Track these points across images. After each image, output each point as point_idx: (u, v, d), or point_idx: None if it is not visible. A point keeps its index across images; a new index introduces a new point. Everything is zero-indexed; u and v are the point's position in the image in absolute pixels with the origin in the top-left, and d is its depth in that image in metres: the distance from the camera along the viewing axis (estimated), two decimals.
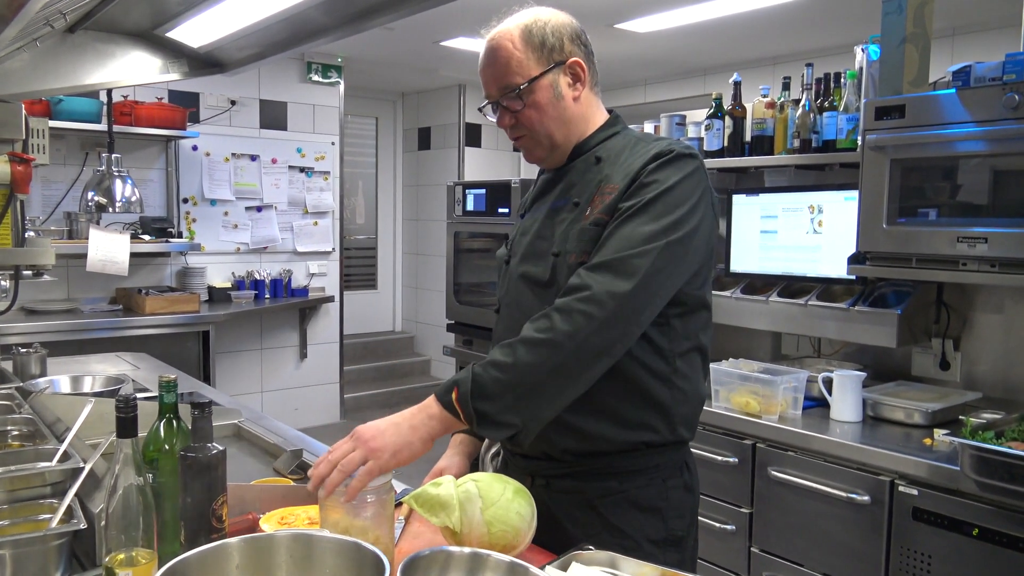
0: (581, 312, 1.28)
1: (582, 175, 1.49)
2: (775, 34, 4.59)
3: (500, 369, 1.28)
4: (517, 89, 1.44)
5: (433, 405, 1.31)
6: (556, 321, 1.28)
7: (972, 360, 2.74)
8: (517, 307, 1.50)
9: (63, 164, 4.79)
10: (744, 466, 2.65)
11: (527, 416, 1.29)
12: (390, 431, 1.28)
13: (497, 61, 1.45)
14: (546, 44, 1.45)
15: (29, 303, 4.53)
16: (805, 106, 2.91)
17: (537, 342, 1.28)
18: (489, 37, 1.48)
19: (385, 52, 5.57)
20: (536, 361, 1.27)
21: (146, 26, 2.32)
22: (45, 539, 1.16)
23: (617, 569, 1.20)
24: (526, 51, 1.44)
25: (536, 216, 1.55)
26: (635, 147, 1.46)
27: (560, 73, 1.46)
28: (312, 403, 6.05)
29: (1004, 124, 2.18)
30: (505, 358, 1.29)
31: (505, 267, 1.59)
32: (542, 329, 1.29)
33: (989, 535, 2.06)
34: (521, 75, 1.43)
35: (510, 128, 1.50)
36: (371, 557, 0.98)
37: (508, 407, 1.27)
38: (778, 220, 3.06)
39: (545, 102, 1.45)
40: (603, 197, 1.41)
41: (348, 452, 1.24)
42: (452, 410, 1.29)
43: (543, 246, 1.49)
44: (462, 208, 4.63)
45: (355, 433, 1.29)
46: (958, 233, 2.32)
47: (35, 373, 2.49)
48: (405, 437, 1.28)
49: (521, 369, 1.27)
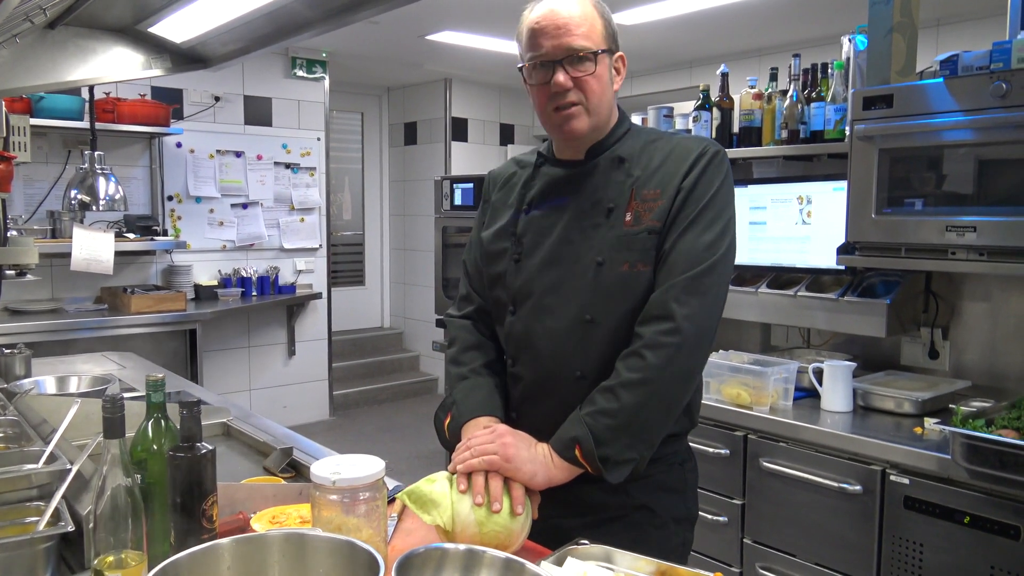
0: (668, 344, 1.34)
1: (606, 176, 1.47)
2: (761, 26, 4.59)
3: (609, 416, 1.34)
4: (593, 54, 1.40)
5: (555, 457, 1.37)
6: (648, 358, 1.34)
7: (960, 349, 2.76)
8: (549, 313, 1.47)
9: (45, 162, 4.74)
10: (735, 457, 2.65)
11: (642, 449, 1.36)
12: (526, 450, 1.36)
13: (573, 20, 1.39)
14: (611, 27, 1.45)
15: (13, 303, 4.48)
16: (793, 97, 2.91)
17: (636, 382, 1.34)
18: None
19: (370, 46, 5.53)
20: (639, 400, 1.34)
21: (128, 21, 2.29)
22: (32, 542, 1.15)
23: (612, 563, 1.19)
24: (601, 23, 1.43)
25: (552, 216, 1.50)
26: (656, 146, 1.47)
27: (615, 60, 1.47)
28: (301, 400, 6.03)
29: (992, 112, 2.18)
30: (610, 404, 1.35)
31: (514, 265, 1.52)
32: (636, 368, 1.35)
33: (980, 523, 2.07)
34: (594, 42, 1.41)
35: (562, 94, 1.41)
36: (365, 556, 0.96)
37: (626, 447, 1.35)
38: (767, 211, 3.07)
39: (605, 79, 1.44)
40: (647, 204, 1.42)
41: (486, 442, 1.34)
42: (577, 464, 1.36)
43: (573, 250, 1.46)
44: (450, 203, 4.61)
45: (496, 430, 1.38)
46: (947, 222, 2.32)
47: (20, 374, 2.45)
48: (537, 463, 1.35)
49: (628, 411, 1.34)
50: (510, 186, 1.62)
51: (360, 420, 6.21)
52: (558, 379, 1.46)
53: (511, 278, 1.53)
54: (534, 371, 1.50)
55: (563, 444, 1.36)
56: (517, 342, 1.52)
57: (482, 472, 1.31)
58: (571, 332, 1.44)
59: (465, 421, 1.48)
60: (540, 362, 1.48)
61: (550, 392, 1.48)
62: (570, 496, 1.41)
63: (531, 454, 1.35)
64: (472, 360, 1.58)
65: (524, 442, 1.37)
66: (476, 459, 1.31)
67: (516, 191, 1.59)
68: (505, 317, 1.54)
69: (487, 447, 1.33)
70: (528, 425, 1.44)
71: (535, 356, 1.49)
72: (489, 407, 1.49)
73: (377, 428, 5.99)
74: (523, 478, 1.32)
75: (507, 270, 1.53)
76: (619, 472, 1.35)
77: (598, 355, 1.42)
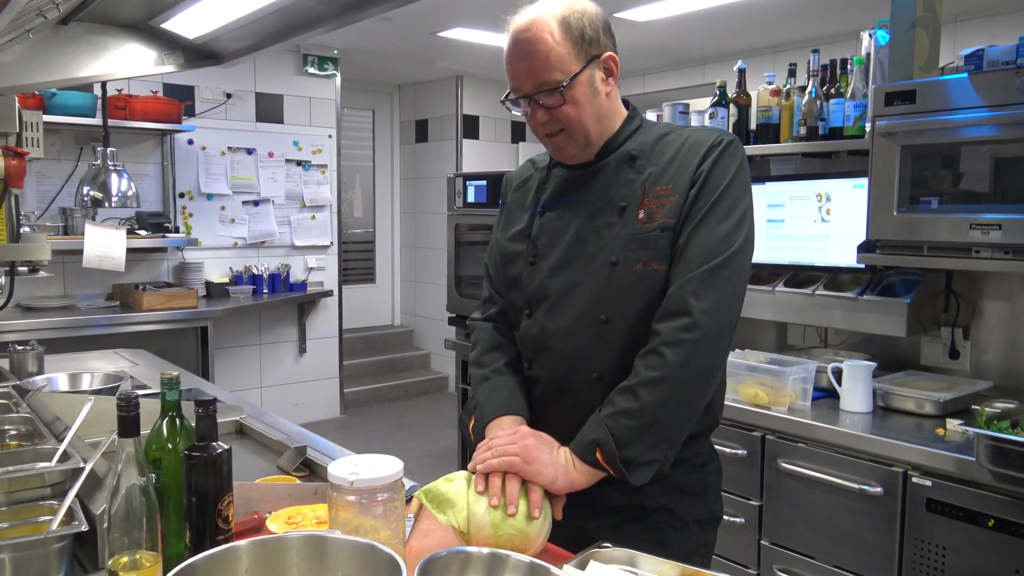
0: (687, 341, 1.30)
1: (617, 174, 1.44)
2: (777, 21, 4.55)
3: (630, 416, 1.31)
4: (559, 86, 1.36)
5: (577, 462, 1.34)
6: (667, 355, 1.31)
7: (982, 349, 2.71)
8: (563, 314, 1.44)
9: (58, 159, 4.74)
10: (753, 458, 2.61)
11: (666, 449, 1.33)
12: (548, 454, 1.33)
13: (535, 55, 1.35)
14: (585, 37, 1.37)
15: (25, 300, 4.49)
16: (811, 93, 2.87)
17: (655, 380, 1.31)
18: (520, 27, 1.36)
19: (381, 43, 5.51)
20: (660, 399, 1.30)
21: (140, 17, 2.27)
22: (46, 542, 1.13)
23: (636, 567, 1.16)
24: (566, 45, 1.35)
25: (565, 216, 1.48)
26: (667, 140, 1.44)
27: (596, 68, 1.40)
28: (312, 398, 6.02)
29: (1018, 108, 2.14)
30: (630, 404, 1.32)
31: (529, 268, 1.51)
32: (655, 366, 1.31)
33: (1005, 526, 2.03)
34: (562, 71, 1.35)
35: (543, 125, 1.41)
36: (386, 559, 0.94)
37: (648, 447, 1.31)
38: (785, 209, 3.03)
39: (583, 99, 1.38)
40: (660, 200, 1.38)
41: (508, 443, 1.31)
42: (599, 467, 1.33)
43: (586, 250, 1.43)
44: (463, 200, 4.58)
45: (519, 431, 1.36)
46: (971, 220, 2.28)
47: (32, 371, 2.44)
48: (558, 467, 1.32)
49: (649, 411, 1.30)
50: (526, 188, 1.60)
51: (371, 418, 6.20)
52: (575, 380, 1.44)
53: (526, 281, 1.51)
54: (550, 373, 1.48)
55: (583, 448, 1.33)
56: (533, 344, 1.50)
57: (500, 474, 1.29)
58: (586, 333, 1.42)
59: (488, 421, 1.45)
60: (556, 363, 1.46)
61: (567, 393, 1.46)
62: (588, 498, 1.38)
63: (552, 458, 1.33)
64: (494, 361, 1.56)
65: (546, 445, 1.34)
66: (496, 460, 1.29)
67: (531, 193, 1.58)
68: (521, 320, 1.53)
69: (508, 448, 1.30)
70: (546, 427, 1.42)
71: (551, 358, 1.47)
72: (512, 406, 1.47)
73: (388, 426, 5.98)
74: (543, 482, 1.29)
75: (522, 273, 1.52)
76: (642, 474, 1.31)
77: (614, 355, 1.40)
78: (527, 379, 1.53)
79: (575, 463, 1.33)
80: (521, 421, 1.44)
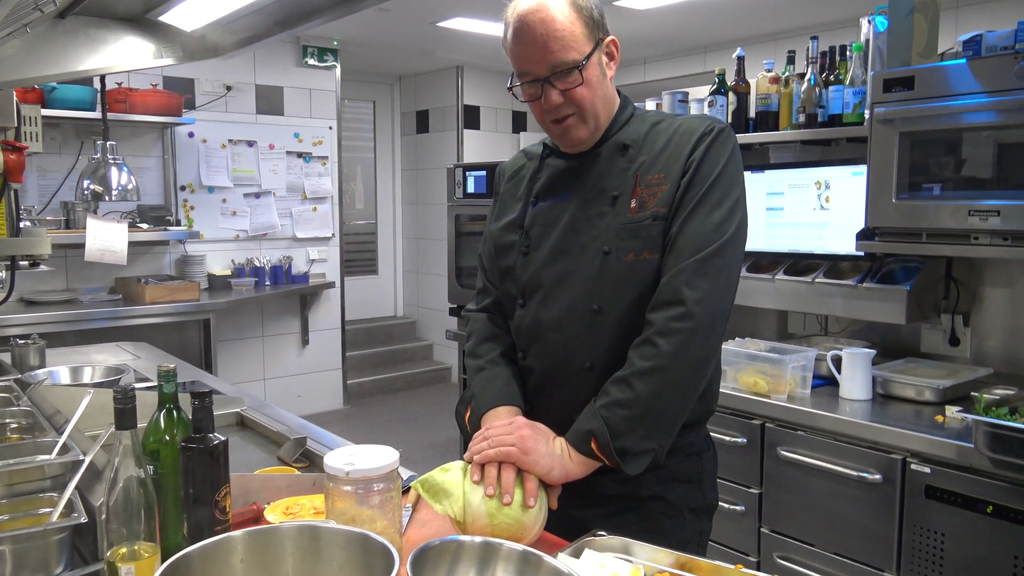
0: (681, 330, 1.30)
1: (610, 164, 1.44)
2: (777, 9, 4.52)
3: (625, 406, 1.31)
4: (577, 66, 1.35)
5: (572, 452, 1.34)
6: (661, 345, 1.31)
7: (982, 336, 2.71)
8: (556, 304, 1.44)
9: (58, 153, 4.74)
10: (753, 446, 2.62)
11: (660, 438, 1.33)
12: (544, 444, 1.33)
13: (550, 35, 1.33)
14: (594, 18, 1.38)
15: (27, 294, 4.50)
16: (810, 80, 2.86)
17: (649, 370, 1.31)
18: (529, 9, 1.35)
19: (381, 34, 5.50)
20: (654, 389, 1.31)
21: (138, 10, 2.27)
22: (45, 534, 1.14)
23: (630, 554, 1.17)
24: (580, 25, 1.35)
25: (559, 207, 1.48)
26: (659, 129, 1.43)
27: (602, 51, 1.41)
28: (315, 390, 6.04)
29: (1017, 94, 2.13)
30: (624, 394, 1.32)
31: (523, 258, 1.51)
32: (649, 356, 1.31)
33: (1004, 512, 2.04)
34: (578, 51, 1.35)
35: (555, 108, 1.39)
36: (380, 548, 0.95)
37: (643, 437, 1.31)
38: (784, 197, 3.02)
39: (595, 80, 1.39)
40: (651, 189, 1.38)
41: (504, 433, 1.31)
42: (594, 457, 1.33)
43: (579, 240, 1.43)
44: (463, 191, 4.58)
45: (515, 422, 1.36)
46: (970, 207, 2.28)
47: (34, 364, 2.46)
48: (554, 457, 1.32)
49: (644, 400, 1.31)
50: (519, 178, 1.60)
51: (374, 409, 6.21)
52: (568, 370, 1.44)
53: (519, 271, 1.51)
54: (544, 363, 1.48)
55: (579, 438, 1.34)
56: (527, 334, 1.50)
57: (495, 463, 1.29)
58: (579, 323, 1.42)
59: (484, 412, 1.46)
60: (550, 353, 1.46)
61: (561, 384, 1.46)
62: (583, 487, 1.38)
63: (548, 448, 1.33)
64: (488, 351, 1.56)
65: (542, 435, 1.35)
66: (492, 450, 1.29)
67: (524, 184, 1.58)
68: (515, 310, 1.53)
69: (505, 438, 1.30)
70: (541, 417, 1.42)
71: (544, 348, 1.47)
72: (507, 396, 1.47)
73: (391, 417, 6.00)
74: (539, 472, 1.30)
75: (515, 263, 1.52)
76: (637, 464, 1.32)
77: (607, 345, 1.40)
78: (521, 369, 1.54)
79: (570, 453, 1.34)
80: (517, 412, 1.45)
